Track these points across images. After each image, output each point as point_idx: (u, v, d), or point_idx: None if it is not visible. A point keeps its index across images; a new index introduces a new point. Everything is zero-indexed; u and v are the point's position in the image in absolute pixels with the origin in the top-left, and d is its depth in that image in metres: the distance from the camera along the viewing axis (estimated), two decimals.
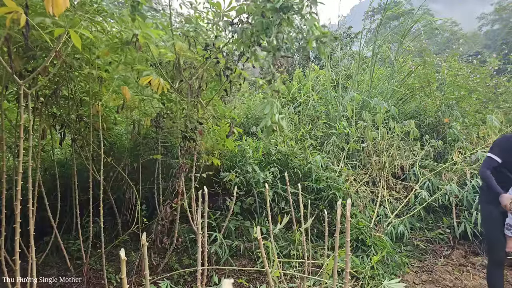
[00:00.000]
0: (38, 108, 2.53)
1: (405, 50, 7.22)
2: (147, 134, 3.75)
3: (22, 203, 1.72)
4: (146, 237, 1.12)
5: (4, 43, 1.68)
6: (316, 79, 6.88)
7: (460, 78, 6.03)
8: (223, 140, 3.42)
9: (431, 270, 3.17)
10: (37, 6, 1.95)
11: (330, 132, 5.37)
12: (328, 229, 2.38)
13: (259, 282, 2.89)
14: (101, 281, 2.79)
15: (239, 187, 3.67)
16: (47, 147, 3.69)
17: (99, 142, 2.65)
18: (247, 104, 6.57)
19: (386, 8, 6.11)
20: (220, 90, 2.98)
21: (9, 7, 1.39)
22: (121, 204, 3.65)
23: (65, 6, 1.35)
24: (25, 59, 2.07)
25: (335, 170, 4.43)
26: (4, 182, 2.09)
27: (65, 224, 3.61)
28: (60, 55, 1.98)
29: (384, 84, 6.67)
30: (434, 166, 4.88)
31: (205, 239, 1.90)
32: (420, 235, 4.01)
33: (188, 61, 2.77)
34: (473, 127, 5.68)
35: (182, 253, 3.37)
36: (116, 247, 3.46)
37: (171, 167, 3.83)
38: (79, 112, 2.84)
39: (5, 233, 2.26)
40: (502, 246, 2.27)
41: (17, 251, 1.74)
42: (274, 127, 2.30)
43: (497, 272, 2.31)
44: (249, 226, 3.51)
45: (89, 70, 2.38)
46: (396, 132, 5.03)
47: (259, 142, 4.40)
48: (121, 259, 0.90)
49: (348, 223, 1.26)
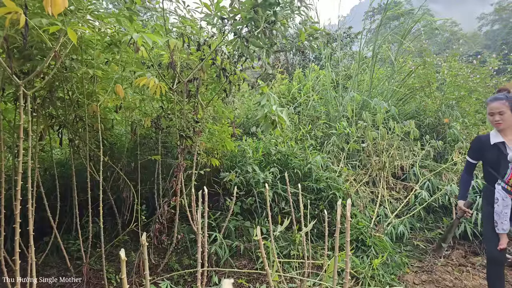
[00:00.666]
0: (36, 109, 2.53)
1: (405, 50, 7.22)
2: (147, 134, 3.75)
3: (21, 203, 1.72)
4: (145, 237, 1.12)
5: (3, 44, 1.68)
6: (316, 79, 6.88)
7: (460, 78, 6.03)
8: (223, 141, 3.42)
9: (431, 270, 3.17)
10: (35, 6, 1.95)
11: (330, 132, 5.37)
12: (328, 229, 2.38)
13: (259, 283, 2.88)
14: (101, 281, 2.79)
15: (239, 187, 3.67)
16: (46, 147, 3.69)
17: (98, 142, 2.65)
18: (247, 104, 6.57)
19: (386, 9, 6.11)
20: (220, 90, 2.99)
21: (8, 8, 1.39)
22: (121, 204, 3.65)
23: (63, 5, 1.35)
24: (21, 60, 2.07)
25: (335, 170, 4.42)
26: (3, 182, 2.08)
27: (65, 224, 3.61)
28: (59, 56, 1.98)
29: (384, 84, 6.67)
30: (434, 166, 4.88)
31: (205, 239, 1.90)
32: (420, 235, 4.01)
33: (184, 62, 2.78)
34: (473, 127, 5.68)
35: (182, 253, 3.37)
36: (116, 247, 3.46)
37: (171, 167, 3.83)
38: (77, 113, 2.84)
39: (5, 233, 2.25)
40: (496, 244, 2.27)
41: (17, 251, 1.73)
42: (272, 118, 2.29)
43: (496, 271, 2.31)
44: (249, 226, 3.51)
45: (85, 70, 2.38)
46: (396, 132, 5.02)
47: (259, 142, 4.40)
48: (121, 259, 0.89)
49: (348, 223, 1.26)
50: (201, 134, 3.06)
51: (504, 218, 2.27)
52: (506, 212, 2.26)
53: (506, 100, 2.24)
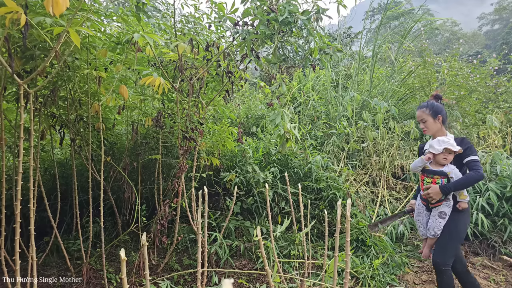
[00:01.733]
0: (37, 108, 2.53)
1: (405, 50, 7.22)
2: (148, 134, 3.75)
3: (22, 203, 1.72)
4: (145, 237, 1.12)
5: (4, 43, 1.68)
6: (316, 79, 6.88)
7: (460, 78, 6.03)
8: (223, 140, 3.42)
9: (431, 270, 3.17)
10: (36, 5, 1.95)
11: (330, 132, 5.37)
12: (328, 229, 2.38)
13: (259, 283, 2.88)
14: (101, 281, 2.79)
15: (239, 187, 3.67)
16: (47, 147, 3.69)
17: (99, 142, 2.65)
18: (247, 104, 6.57)
19: (386, 9, 6.11)
20: (222, 90, 2.99)
21: (9, 7, 1.39)
22: (121, 204, 3.65)
23: (65, 6, 1.35)
24: (23, 59, 2.07)
25: (335, 170, 4.43)
26: (4, 182, 2.08)
27: (65, 224, 3.61)
28: (60, 55, 1.98)
29: (384, 84, 6.67)
30: None
31: (205, 239, 1.90)
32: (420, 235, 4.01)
33: (189, 61, 2.78)
34: (473, 127, 5.68)
35: (182, 253, 3.37)
36: (116, 247, 3.46)
37: (172, 167, 3.83)
38: (78, 112, 2.84)
39: (5, 233, 2.26)
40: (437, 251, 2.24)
41: (17, 251, 1.73)
42: (287, 136, 2.35)
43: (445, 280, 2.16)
44: (249, 226, 3.51)
45: (89, 70, 2.38)
46: (396, 132, 5.03)
47: (259, 142, 4.40)
48: (121, 259, 0.90)
49: (348, 223, 1.26)
50: (203, 135, 3.07)
51: (418, 224, 2.29)
52: (418, 219, 2.28)
53: (426, 107, 2.25)
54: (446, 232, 2.13)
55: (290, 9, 2.08)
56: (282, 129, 2.40)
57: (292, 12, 2.09)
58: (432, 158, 2.14)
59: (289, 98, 6.60)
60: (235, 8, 2.50)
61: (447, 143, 2.06)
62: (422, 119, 2.26)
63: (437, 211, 2.13)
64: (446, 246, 2.11)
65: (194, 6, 2.72)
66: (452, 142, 2.08)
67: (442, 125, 2.24)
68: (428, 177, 2.16)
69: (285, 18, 2.07)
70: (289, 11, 2.07)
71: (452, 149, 2.05)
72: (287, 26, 2.13)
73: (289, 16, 2.08)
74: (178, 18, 2.86)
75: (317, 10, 2.18)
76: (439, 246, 2.14)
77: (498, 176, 3.90)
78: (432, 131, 2.24)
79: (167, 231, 3.05)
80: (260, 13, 2.14)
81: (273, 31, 2.16)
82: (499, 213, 3.71)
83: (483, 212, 3.71)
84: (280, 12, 2.09)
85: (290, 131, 2.43)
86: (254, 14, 2.19)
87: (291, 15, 2.09)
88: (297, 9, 2.11)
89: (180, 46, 2.27)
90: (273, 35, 2.18)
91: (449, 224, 2.13)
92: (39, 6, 1.94)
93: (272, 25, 2.16)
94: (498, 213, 3.73)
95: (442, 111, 2.24)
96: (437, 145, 2.09)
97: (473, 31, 43.68)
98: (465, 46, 26.67)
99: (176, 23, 2.67)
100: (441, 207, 2.12)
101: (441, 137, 2.15)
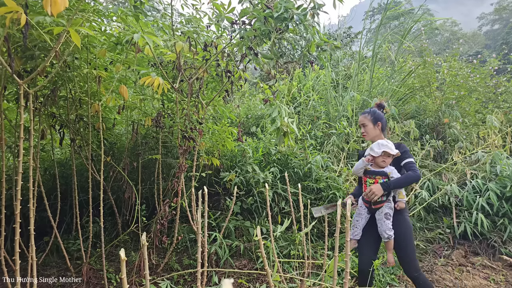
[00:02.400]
0: (37, 108, 2.53)
1: (405, 50, 7.22)
2: (148, 134, 3.75)
3: (22, 203, 1.72)
4: (145, 237, 1.12)
5: (4, 43, 1.68)
6: (316, 79, 6.88)
7: (460, 78, 6.03)
8: (223, 140, 3.42)
9: (431, 270, 3.17)
10: (37, 5, 1.95)
11: (330, 132, 5.37)
12: (328, 229, 2.38)
13: (259, 283, 2.89)
14: (101, 281, 2.79)
15: (239, 187, 3.67)
16: (47, 147, 3.69)
17: (99, 142, 2.65)
18: (247, 104, 6.57)
19: (386, 8, 6.11)
20: (221, 90, 2.99)
21: (9, 7, 1.39)
22: (121, 204, 3.65)
23: (63, 5, 1.35)
24: (23, 59, 2.07)
25: (335, 170, 4.43)
26: (4, 182, 2.08)
27: (65, 224, 3.61)
28: (60, 55, 1.98)
29: (384, 84, 6.67)
30: (434, 166, 4.88)
31: (205, 239, 1.90)
32: (420, 235, 4.00)
33: (189, 61, 2.78)
34: (473, 127, 5.68)
35: (182, 253, 3.37)
36: (116, 247, 3.46)
37: (171, 167, 3.83)
38: (78, 112, 2.84)
39: (5, 233, 2.26)
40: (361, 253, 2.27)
41: (17, 251, 1.73)
42: (284, 130, 2.35)
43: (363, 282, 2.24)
44: (249, 226, 3.51)
45: (89, 70, 2.38)
46: (396, 132, 5.02)
47: (259, 142, 4.40)
48: (121, 259, 0.90)
49: (348, 223, 1.26)
50: (202, 135, 3.07)
51: (355, 225, 2.29)
52: (357, 220, 2.29)
53: (369, 113, 2.34)
54: (396, 244, 2.17)
55: (286, 5, 2.09)
56: (279, 123, 2.40)
57: (288, 8, 2.10)
58: (371, 160, 2.21)
59: (289, 98, 6.61)
60: (231, 7, 2.51)
61: (386, 147, 2.13)
62: (363, 124, 2.35)
63: (382, 214, 2.17)
64: (405, 255, 2.15)
65: (195, 7, 2.72)
66: (391, 145, 2.15)
67: (381, 132, 2.34)
68: (371, 178, 2.22)
69: (281, 14, 2.08)
70: (284, 7, 2.08)
71: (390, 152, 2.13)
72: (283, 22, 2.14)
73: (285, 12, 2.09)
74: (178, 18, 2.86)
75: (314, 6, 2.18)
76: (400, 260, 2.19)
77: (498, 176, 3.90)
78: (371, 136, 2.34)
79: (167, 231, 3.05)
80: (257, 11, 2.15)
81: (269, 28, 2.17)
82: (499, 213, 3.71)
83: (483, 212, 3.72)
84: (276, 9, 2.10)
85: (287, 125, 2.42)
86: (251, 13, 2.19)
87: (286, 11, 2.10)
88: (293, 5, 2.12)
89: (177, 44, 2.27)
90: (270, 32, 2.19)
91: (395, 233, 2.15)
92: (39, 6, 1.94)
93: (269, 23, 2.17)
94: (498, 213, 3.73)
95: (382, 119, 2.35)
96: (376, 148, 2.16)
97: (473, 31, 43.68)
98: (465, 46, 26.66)
99: (175, 23, 2.67)
100: (384, 209, 2.17)
101: (381, 140, 2.21)
